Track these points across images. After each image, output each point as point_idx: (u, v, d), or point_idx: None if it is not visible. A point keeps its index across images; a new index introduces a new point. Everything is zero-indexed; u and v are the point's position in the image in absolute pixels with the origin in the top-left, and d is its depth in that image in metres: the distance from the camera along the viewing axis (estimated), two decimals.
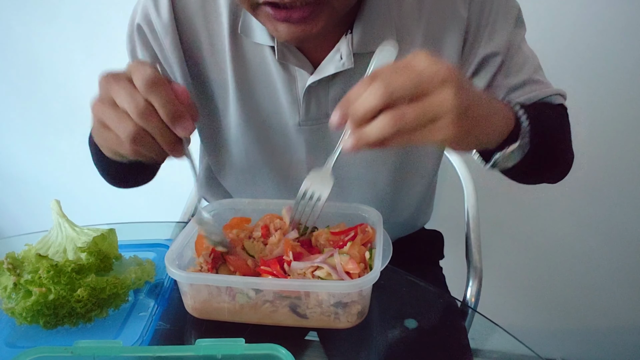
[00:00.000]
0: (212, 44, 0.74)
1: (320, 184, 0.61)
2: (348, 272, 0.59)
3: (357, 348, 0.61)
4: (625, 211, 1.45)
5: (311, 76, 0.72)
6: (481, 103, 0.52)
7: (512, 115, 0.59)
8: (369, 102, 0.46)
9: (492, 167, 0.63)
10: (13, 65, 1.57)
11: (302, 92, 0.73)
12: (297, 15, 0.57)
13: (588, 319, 1.64)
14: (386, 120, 0.46)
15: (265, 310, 0.58)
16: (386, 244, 0.62)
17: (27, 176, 1.77)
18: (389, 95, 0.46)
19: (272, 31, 0.61)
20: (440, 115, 0.46)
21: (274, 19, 0.58)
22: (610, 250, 1.52)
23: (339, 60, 0.70)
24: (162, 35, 0.73)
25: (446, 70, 0.46)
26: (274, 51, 0.70)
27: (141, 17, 0.74)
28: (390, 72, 0.47)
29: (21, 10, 1.48)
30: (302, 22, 0.58)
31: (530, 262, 1.58)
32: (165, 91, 0.51)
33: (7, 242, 0.88)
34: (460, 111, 0.46)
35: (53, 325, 0.58)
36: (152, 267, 0.67)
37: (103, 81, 0.53)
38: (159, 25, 0.73)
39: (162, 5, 0.72)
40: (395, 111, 0.46)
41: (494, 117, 0.55)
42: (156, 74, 0.51)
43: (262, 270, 0.60)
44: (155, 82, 0.50)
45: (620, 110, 1.33)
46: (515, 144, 0.59)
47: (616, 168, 1.41)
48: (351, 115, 0.48)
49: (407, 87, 0.46)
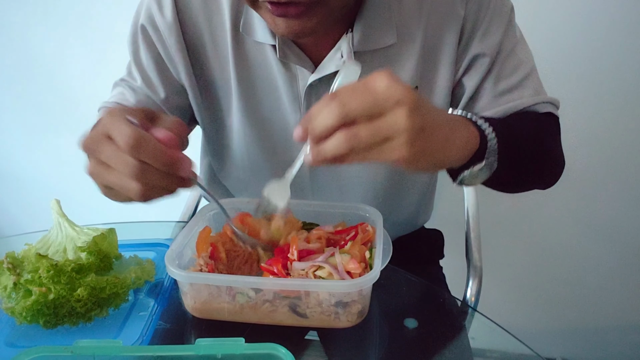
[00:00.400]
0: (215, 42, 0.74)
1: (277, 196, 0.61)
2: (349, 271, 0.59)
3: (357, 348, 0.61)
4: (625, 211, 1.46)
5: (312, 74, 0.72)
6: (439, 124, 0.52)
7: (477, 134, 0.59)
8: (325, 120, 0.48)
9: (459, 184, 0.64)
10: (13, 65, 1.57)
11: (303, 91, 0.74)
12: (293, 11, 0.58)
13: (588, 319, 1.64)
14: (340, 139, 0.48)
15: (265, 310, 0.58)
16: (386, 244, 0.62)
17: (27, 176, 1.77)
18: (345, 115, 0.47)
19: (271, 25, 0.62)
20: (393, 135, 0.47)
21: (272, 13, 0.60)
22: (610, 250, 1.52)
23: (340, 58, 0.70)
24: (167, 35, 0.73)
25: (402, 91, 0.47)
26: (275, 50, 0.71)
27: (145, 18, 0.74)
28: (348, 91, 0.48)
29: (21, 10, 1.48)
30: (299, 17, 0.59)
31: (530, 261, 1.58)
32: (152, 146, 0.50)
33: (7, 242, 0.88)
34: (414, 132, 0.47)
35: (53, 325, 0.58)
36: (152, 266, 0.67)
37: (87, 147, 0.52)
38: (162, 24, 0.73)
39: (165, 5, 0.72)
40: (349, 131, 0.47)
41: (454, 137, 0.55)
42: (136, 131, 0.49)
43: (263, 268, 0.60)
44: (139, 141, 0.49)
45: (620, 110, 1.33)
46: (481, 164, 0.60)
47: (616, 168, 1.41)
48: (310, 132, 0.49)
49: (362, 107, 0.47)
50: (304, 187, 0.83)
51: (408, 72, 0.74)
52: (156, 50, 0.75)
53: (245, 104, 0.77)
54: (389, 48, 0.72)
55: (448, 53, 0.74)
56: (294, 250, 0.61)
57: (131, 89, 0.78)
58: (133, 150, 0.49)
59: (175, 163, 0.51)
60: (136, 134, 0.49)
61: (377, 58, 0.73)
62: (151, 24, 0.74)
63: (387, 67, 0.73)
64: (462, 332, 0.69)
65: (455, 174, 0.63)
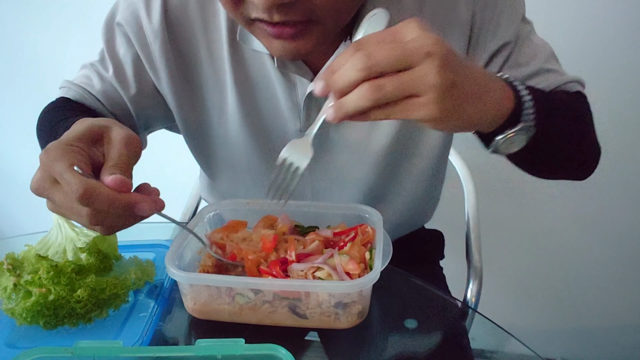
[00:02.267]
0: (210, 49, 0.73)
1: (299, 154, 0.57)
2: (348, 272, 0.59)
3: (357, 348, 0.61)
4: (625, 211, 1.45)
5: (311, 83, 0.71)
6: (471, 80, 0.48)
7: (512, 95, 0.55)
8: (349, 72, 0.45)
9: (493, 151, 0.59)
10: (13, 65, 1.57)
11: (302, 99, 0.73)
12: (289, 31, 0.56)
13: (588, 319, 1.64)
14: (363, 91, 0.45)
15: (265, 311, 0.58)
16: (386, 244, 0.62)
17: (27, 176, 1.76)
18: (370, 67, 0.44)
19: (267, 47, 0.61)
20: (422, 91, 0.44)
21: (268, 35, 0.58)
22: (610, 250, 1.52)
23: None
24: (152, 40, 0.72)
25: (433, 42, 0.43)
26: (273, 59, 0.70)
27: (125, 17, 0.73)
28: (374, 42, 0.45)
29: (21, 10, 1.48)
30: (295, 39, 0.57)
31: (531, 262, 1.58)
32: (103, 196, 0.46)
33: (7, 243, 0.88)
34: (444, 88, 0.44)
35: (53, 326, 0.58)
36: (152, 267, 0.67)
37: (37, 192, 0.49)
38: (149, 29, 0.72)
39: (154, 9, 0.71)
40: (373, 82, 0.44)
41: (487, 96, 0.51)
42: (83, 182, 0.46)
43: (262, 270, 0.60)
44: (89, 192, 0.45)
45: (620, 110, 1.32)
46: (516, 127, 0.55)
47: (616, 168, 1.40)
48: (332, 85, 0.47)
49: (389, 59, 0.44)
50: (304, 188, 0.83)
51: None
52: (134, 49, 0.74)
53: (243, 112, 0.76)
54: None
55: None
56: (292, 252, 0.61)
57: (99, 76, 0.76)
58: (84, 202, 0.46)
59: (132, 207, 0.49)
60: (85, 186, 0.45)
61: None
62: (135, 25, 0.72)
63: None
64: (462, 333, 0.69)
65: (488, 140, 0.58)
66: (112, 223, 0.50)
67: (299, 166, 0.56)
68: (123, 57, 0.75)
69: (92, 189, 0.46)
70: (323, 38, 0.59)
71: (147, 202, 0.50)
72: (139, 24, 0.72)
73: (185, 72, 0.75)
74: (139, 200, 0.49)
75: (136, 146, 0.52)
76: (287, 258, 0.61)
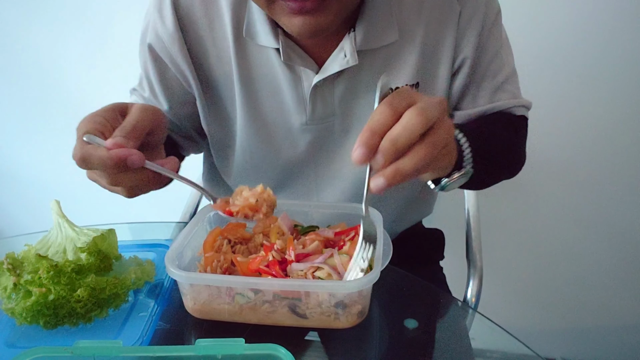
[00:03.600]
0: (217, 47, 0.75)
1: (373, 225, 0.60)
2: None
3: (357, 348, 0.61)
4: (625, 211, 1.46)
5: (316, 75, 0.72)
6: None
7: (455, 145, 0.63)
8: (413, 130, 0.47)
9: (440, 189, 0.67)
10: (13, 64, 1.57)
11: (308, 92, 0.74)
12: (310, 5, 0.59)
13: (588, 319, 1.64)
14: (422, 153, 0.48)
15: (265, 311, 0.58)
16: (386, 244, 0.62)
17: (27, 176, 1.77)
18: (427, 122, 0.47)
19: (287, 25, 0.63)
20: (448, 141, 0.52)
21: (289, 12, 0.61)
22: (610, 250, 1.52)
23: (344, 58, 0.71)
24: (170, 45, 0.74)
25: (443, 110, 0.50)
26: (278, 53, 0.71)
27: (151, 35, 0.76)
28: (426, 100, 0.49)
29: (22, 11, 1.48)
30: (315, 13, 0.60)
31: (531, 261, 1.58)
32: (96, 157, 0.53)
33: (7, 242, 0.88)
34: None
35: (53, 326, 0.58)
36: (152, 267, 0.67)
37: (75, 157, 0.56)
38: (165, 35, 0.74)
39: (166, 15, 0.73)
40: (429, 143, 0.48)
41: (454, 148, 0.60)
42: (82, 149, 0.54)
43: (262, 270, 0.60)
44: (83, 157, 0.54)
45: (620, 110, 1.33)
46: (461, 171, 0.64)
47: (616, 168, 1.41)
48: (390, 147, 0.47)
49: (434, 114, 0.48)
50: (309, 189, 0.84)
51: (409, 68, 0.75)
52: (163, 63, 0.77)
53: (249, 107, 0.77)
54: (390, 45, 0.73)
55: (448, 49, 0.75)
56: (291, 251, 0.61)
57: (142, 98, 0.82)
58: (82, 165, 0.55)
59: (123, 161, 0.53)
60: (81, 151, 0.54)
61: (379, 56, 0.74)
62: (156, 37, 0.75)
63: (389, 64, 0.75)
64: (462, 333, 0.69)
65: (436, 181, 0.67)
66: (129, 182, 0.57)
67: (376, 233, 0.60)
68: (153, 77, 0.79)
69: (87, 153, 0.54)
70: (341, 14, 0.62)
71: (136, 154, 0.54)
72: (157, 34, 0.75)
73: (200, 72, 0.77)
74: (127, 154, 0.54)
75: (153, 113, 0.59)
76: (287, 258, 0.61)
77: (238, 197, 0.64)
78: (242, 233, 0.68)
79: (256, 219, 0.63)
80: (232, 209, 0.63)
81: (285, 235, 0.67)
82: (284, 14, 0.62)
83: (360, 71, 0.74)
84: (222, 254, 0.64)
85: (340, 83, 0.74)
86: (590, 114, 1.33)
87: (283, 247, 0.63)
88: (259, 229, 0.69)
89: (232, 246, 0.66)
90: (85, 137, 0.54)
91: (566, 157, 1.41)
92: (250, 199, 0.63)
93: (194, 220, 0.69)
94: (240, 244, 0.67)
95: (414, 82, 0.76)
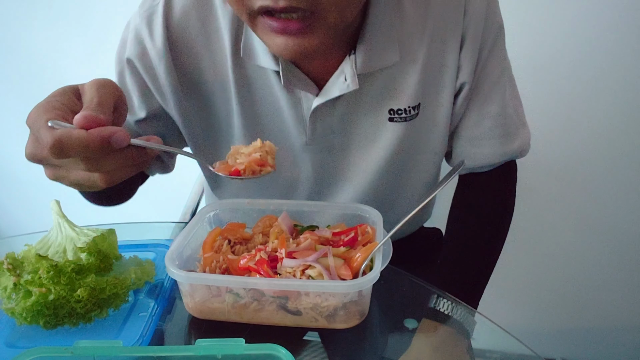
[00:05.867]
0: (215, 66, 0.73)
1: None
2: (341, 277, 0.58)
3: (357, 348, 0.61)
4: (625, 211, 1.46)
5: (316, 98, 0.71)
6: None
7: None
8: None
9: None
10: (13, 64, 1.57)
11: (307, 114, 0.73)
12: (293, 26, 0.55)
13: (588, 319, 1.64)
14: None
15: (264, 311, 0.58)
16: (386, 244, 0.62)
17: (27, 176, 1.77)
18: None
19: (270, 46, 0.60)
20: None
21: (271, 31, 0.57)
22: (610, 250, 1.52)
23: (344, 82, 0.69)
24: (156, 62, 0.71)
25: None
26: (278, 75, 0.69)
27: (132, 49, 0.72)
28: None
29: (22, 11, 1.48)
30: (299, 35, 0.57)
31: (530, 262, 1.58)
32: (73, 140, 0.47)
33: (7, 242, 0.88)
34: None
35: (53, 326, 0.58)
36: (152, 267, 0.67)
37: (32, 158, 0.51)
38: (152, 51, 0.71)
39: (156, 30, 0.70)
40: None
41: None
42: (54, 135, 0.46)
43: (251, 268, 0.60)
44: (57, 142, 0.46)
45: (620, 110, 1.33)
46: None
47: (616, 168, 1.41)
48: None
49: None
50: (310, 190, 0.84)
51: (411, 89, 0.73)
52: (142, 82, 0.74)
53: (249, 127, 0.76)
54: (392, 66, 0.72)
55: (451, 70, 0.74)
56: (282, 249, 0.60)
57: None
58: (56, 151, 0.47)
59: (107, 141, 0.48)
60: (53, 136, 0.46)
61: (380, 77, 0.72)
62: (140, 52, 0.72)
63: (390, 85, 0.73)
64: (462, 333, 0.69)
65: None
66: (110, 166, 0.51)
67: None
68: (131, 88, 0.75)
69: (61, 136, 0.46)
70: (327, 37, 0.58)
71: (120, 131, 0.49)
72: (142, 48, 0.72)
73: (191, 89, 0.74)
74: (112, 132, 0.48)
75: (112, 87, 0.53)
76: (278, 256, 0.60)
77: (238, 157, 0.61)
78: (242, 233, 0.68)
79: (265, 172, 0.60)
80: (239, 167, 0.59)
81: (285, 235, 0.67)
82: (266, 33, 0.58)
83: (361, 93, 0.72)
84: (221, 254, 0.64)
85: (341, 105, 0.73)
86: (591, 114, 1.33)
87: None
88: (259, 229, 0.69)
89: (231, 246, 0.66)
90: (50, 123, 0.47)
91: (566, 158, 1.41)
92: (254, 155, 0.59)
93: (194, 220, 0.69)
94: (240, 244, 0.67)
95: (415, 104, 0.75)
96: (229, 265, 0.62)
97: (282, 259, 0.59)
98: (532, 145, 0.84)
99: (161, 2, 0.71)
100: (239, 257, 0.62)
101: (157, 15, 0.70)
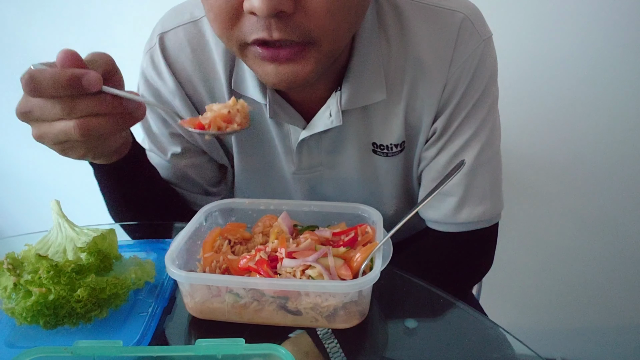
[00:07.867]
0: (214, 98, 0.76)
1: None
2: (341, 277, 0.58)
3: (357, 348, 0.61)
4: (625, 211, 1.46)
5: (303, 131, 0.74)
6: None
7: None
8: None
9: None
10: (13, 64, 1.57)
11: (295, 145, 0.75)
12: (284, 53, 0.55)
13: (588, 319, 1.64)
14: None
15: (265, 311, 0.58)
16: (386, 244, 0.62)
17: (27, 176, 1.77)
18: None
19: (261, 75, 0.59)
20: None
21: (262, 59, 0.56)
22: (610, 250, 1.52)
23: (329, 117, 0.71)
24: (171, 98, 0.75)
25: None
26: (266, 108, 0.71)
27: (146, 92, 0.76)
28: None
29: (22, 10, 1.48)
30: (290, 63, 0.56)
31: (531, 262, 1.58)
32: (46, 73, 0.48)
33: (7, 242, 0.88)
34: None
35: (53, 326, 0.58)
36: (152, 267, 0.66)
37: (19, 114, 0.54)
38: (166, 91, 0.74)
39: (161, 69, 0.74)
40: None
41: None
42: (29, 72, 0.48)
43: (251, 268, 0.60)
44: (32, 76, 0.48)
45: (620, 110, 1.33)
46: None
47: (617, 168, 1.41)
48: None
49: None
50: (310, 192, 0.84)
51: (396, 127, 0.74)
52: (162, 119, 0.77)
53: (244, 155, 0.80)
54: (377, 103, 0.72)
55: (428, 114, 0.73)
56: (282, 250, 0.60)
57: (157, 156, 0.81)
58: (30, 86, 0.48)
59: (79, 80, 0.48)
60: (29, 71, 0.48)
61: (366, 113, 0.73)
62: (154, 94, 0.75)
63: (376, 122, 0.74)
64: (462, 333, 0.69)
65: None
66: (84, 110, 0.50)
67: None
68: (156, 130, 0.79)
69: (35, 72, 0.47)
70: (321, 62, 0.57)
71: (92, 73, 0.49)
72: (155, 89, 0.75)
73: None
74: (84, 72, 0.48)
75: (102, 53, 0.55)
76: (278, 256, 0.60)
77: (209, 113, 0.60)
78: (242, 233, 0.68)
79: (230, 129, 0.58)
80: (203, 121, 0.58)
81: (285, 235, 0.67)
82: (256, 62, 0.57)
83: (347, 128, 0.73)
84: (221, 254, 0.64)
85: (326, 138, 0.75)
86: (590, 113, 1.33)
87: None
88: (259, 229, 0.69)
89: (231, 246, 0.66)
90: (32, 66, 0.48)
91: (566, 158, 1.41)
92: (222, 110, 0.58)
93: (194, 220, 0.69)
94: (240, 244, 0.67)
95: (399, 142, 0.75)
96: (229, 266, 0.62)
97: (282, 259, 0.59)
98: (532, 145, 0.84)
99: (157, 41, 0.73)
100: (239, 257, 0.62)
101: (156, 55, 0.73)
